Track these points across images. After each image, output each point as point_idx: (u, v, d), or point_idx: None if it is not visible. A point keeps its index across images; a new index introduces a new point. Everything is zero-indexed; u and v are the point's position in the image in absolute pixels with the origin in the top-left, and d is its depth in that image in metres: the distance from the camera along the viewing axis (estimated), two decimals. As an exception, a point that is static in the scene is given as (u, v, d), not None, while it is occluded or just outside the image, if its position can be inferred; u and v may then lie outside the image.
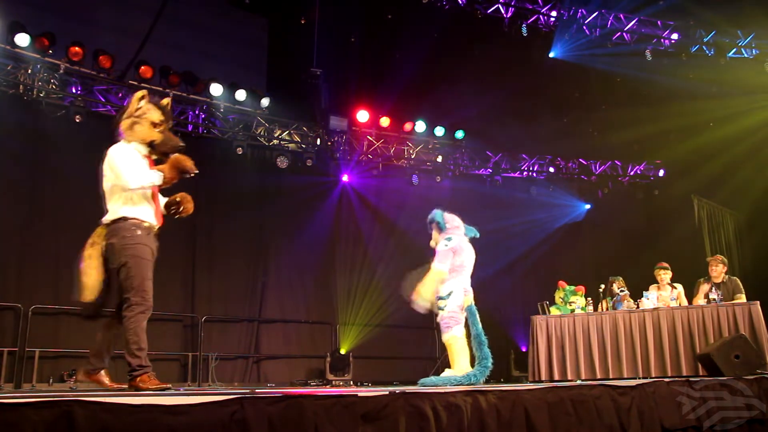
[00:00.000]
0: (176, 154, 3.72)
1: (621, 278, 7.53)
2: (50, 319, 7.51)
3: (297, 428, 1.94)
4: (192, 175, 3.74)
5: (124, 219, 3.55)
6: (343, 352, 9.45)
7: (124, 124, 3.69)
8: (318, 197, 10.11)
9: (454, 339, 4.55)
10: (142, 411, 1.70)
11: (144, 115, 3.66)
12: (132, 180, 3.51)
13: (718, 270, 7.05)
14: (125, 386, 3.77)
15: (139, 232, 3.55)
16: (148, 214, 3.64)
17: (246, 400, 1.88)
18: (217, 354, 8.50)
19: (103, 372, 3.68)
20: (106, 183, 3.61)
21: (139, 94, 3.72)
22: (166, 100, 3.85)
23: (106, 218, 3.60)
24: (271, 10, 9.97)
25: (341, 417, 2.04)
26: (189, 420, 1.75)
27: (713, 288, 6.88)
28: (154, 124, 3.68)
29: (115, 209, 3.58)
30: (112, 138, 3.71)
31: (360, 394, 2.17)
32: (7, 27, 7.59)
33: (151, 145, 3.69)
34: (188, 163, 3.70)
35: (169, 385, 3.56)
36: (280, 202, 9.71)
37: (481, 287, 10.67)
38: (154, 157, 3.73)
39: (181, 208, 3.78)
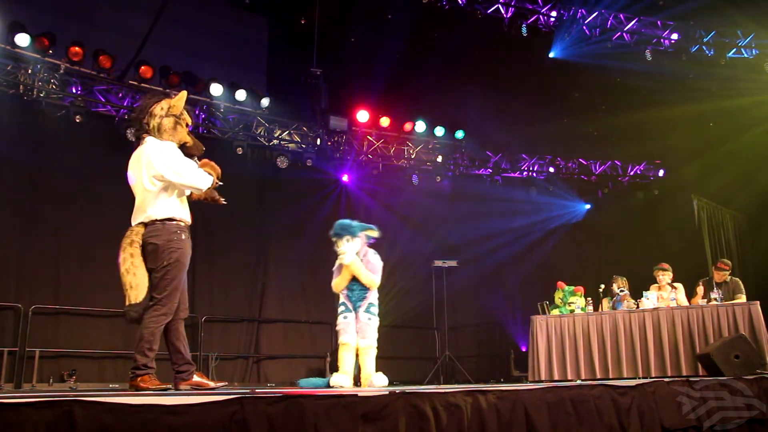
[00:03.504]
0: (207, 159, 3.78)
1: (624, 278, 7.53)
2: (50, 319, 7.52)
3: (297, 428, 1.93)
4: (219, 183, 3.80)
5: (170, 220, 3.52)
6: (343, 352, 9.43)
7: (167, 122, 3.61)
8: (318, 197, 10.09)
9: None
10: (142, 411, 1.70)
11: (182, 116, 3.68)
12: (201, 182, 3.56)
13: (722, 273, 7.10)
14: (225, 383, 3.81)
15: (183, 236, 3.55)
16: (187, 214, 3.67)
17: (246, 400, 1.88)
18: (217, 354, 8.50)
19: (195, 374, 3.66)
20: (151, 181, 3.50)
21: (184, 94, 3.73)
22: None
23: (149, 217, 3.51)
24: (271, 10, 9.95)
25: (341, 417, 2.04)
26: (189, 420, 1.75)
27: (714, 287, 6.91)
28: (189, 127, 3.74)
29: (161, 208, 3.51)
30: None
31: (360, 394, 2.16)
32: (7, 27, 7.58)
33: (181, 147, 3.70)
34: (219, 169, 3.79)
35: (169, 385, 3.56)
36: (280, 202, 9.70)
37: (482, 287, 10.83)
38: None
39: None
